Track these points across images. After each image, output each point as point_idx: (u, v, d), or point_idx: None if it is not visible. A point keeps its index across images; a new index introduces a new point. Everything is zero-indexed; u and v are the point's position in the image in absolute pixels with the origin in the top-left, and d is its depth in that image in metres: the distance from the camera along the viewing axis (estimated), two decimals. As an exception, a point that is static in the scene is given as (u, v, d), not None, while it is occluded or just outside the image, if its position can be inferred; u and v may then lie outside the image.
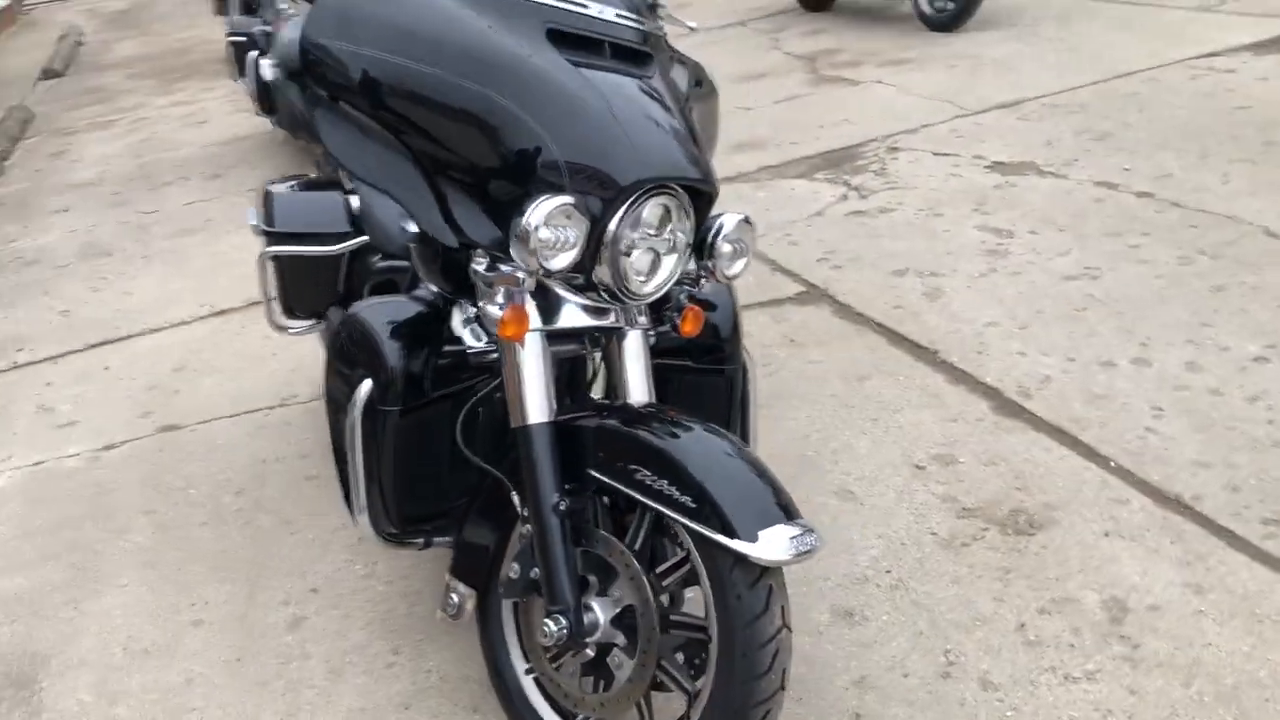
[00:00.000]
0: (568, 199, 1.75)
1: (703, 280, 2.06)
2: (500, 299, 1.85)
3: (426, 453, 2.08)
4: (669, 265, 1.93)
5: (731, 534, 1.70)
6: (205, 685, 2.43)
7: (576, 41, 1.89)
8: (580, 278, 1.88)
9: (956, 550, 2.47)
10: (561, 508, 1.85)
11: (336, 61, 1.82)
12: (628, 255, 1.85)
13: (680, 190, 1.88)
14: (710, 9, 9.30)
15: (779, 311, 3.76)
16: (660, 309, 2.10)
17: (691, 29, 2.53)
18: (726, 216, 2.01)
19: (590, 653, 1.91)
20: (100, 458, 3.51)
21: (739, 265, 2.05)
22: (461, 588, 2.10)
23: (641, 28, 2.00)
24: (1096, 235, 3.93)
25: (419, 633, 2.47)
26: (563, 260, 1.78)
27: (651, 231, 1.87)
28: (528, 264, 1.74)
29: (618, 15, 1.95)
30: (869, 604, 2.36)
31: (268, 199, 2.87)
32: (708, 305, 2.22)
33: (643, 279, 1.90)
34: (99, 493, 3.30)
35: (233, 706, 2.36)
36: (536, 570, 1.89)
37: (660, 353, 2.20)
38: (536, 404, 1.88)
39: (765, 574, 1.74)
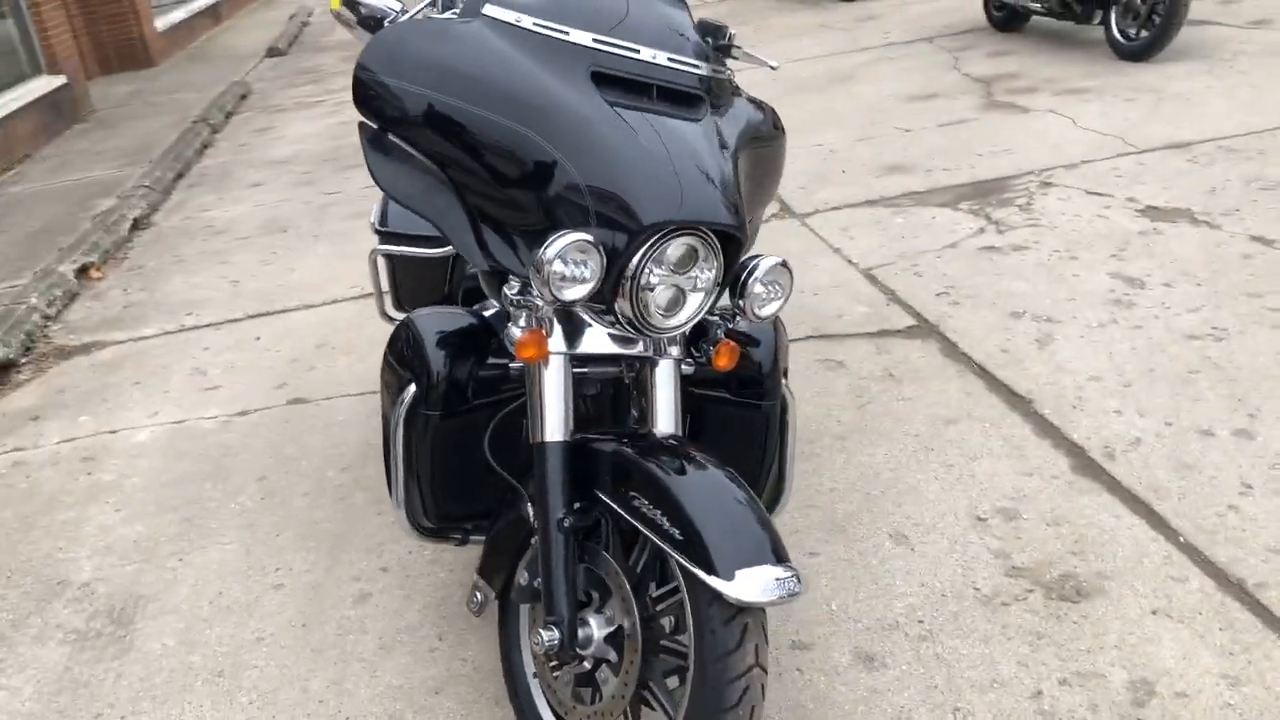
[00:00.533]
0: (584, 236, 1.83)
1: (738, 317, 2.12)
2: (523, 322, 1.96)
3: (464, 457, 2.21)
4: (694, 303, 1.99)
5: (710, 569, 1.76)
6: (271, 645, 2.65)
7: (621, 83, 1.98)
8: (603, 307, 1.97)
9: (995, 609, 2.44)
10: (566, 524, 1.95)
11: (386, 93, 1.96)
12: (649, 290, 1.92)
13: (708, 232, 1.94)
14: (901, 25, 9.18)
15: (884, 343, 3.75)
16: (697, 341, 2.17)
17: (773, 68, 2.57)
18: (764, 259, 2.06)
19: (586, 665, 2.01)
20: (232, 422, 3.82)
21: (772, 307, 2.10)
22: (484, 586, 2.23)
23: (695, 71, 2.07)
24: (1234, 294, 3.74)
25: (464, 622, 2.62)
26: (578, 293, 1.87)
27: (675, 270, 1.93)
28: (543, 294, 1.84)
29: (670, 59, 2.03)
30: (892, 651, 2.36)
31: (385, 200, 3.08)
32: (749, 340, 2.28)
33: (665, 314, 1.97)
34: (224, 455, 3.60)
35: (289, 668, 2.56)
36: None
37: (699, 383, 2.28)
38: (554, 423, 1.98)
39: (742, 612, 1.79)
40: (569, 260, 1.84)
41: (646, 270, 1.90)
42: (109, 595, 2.94)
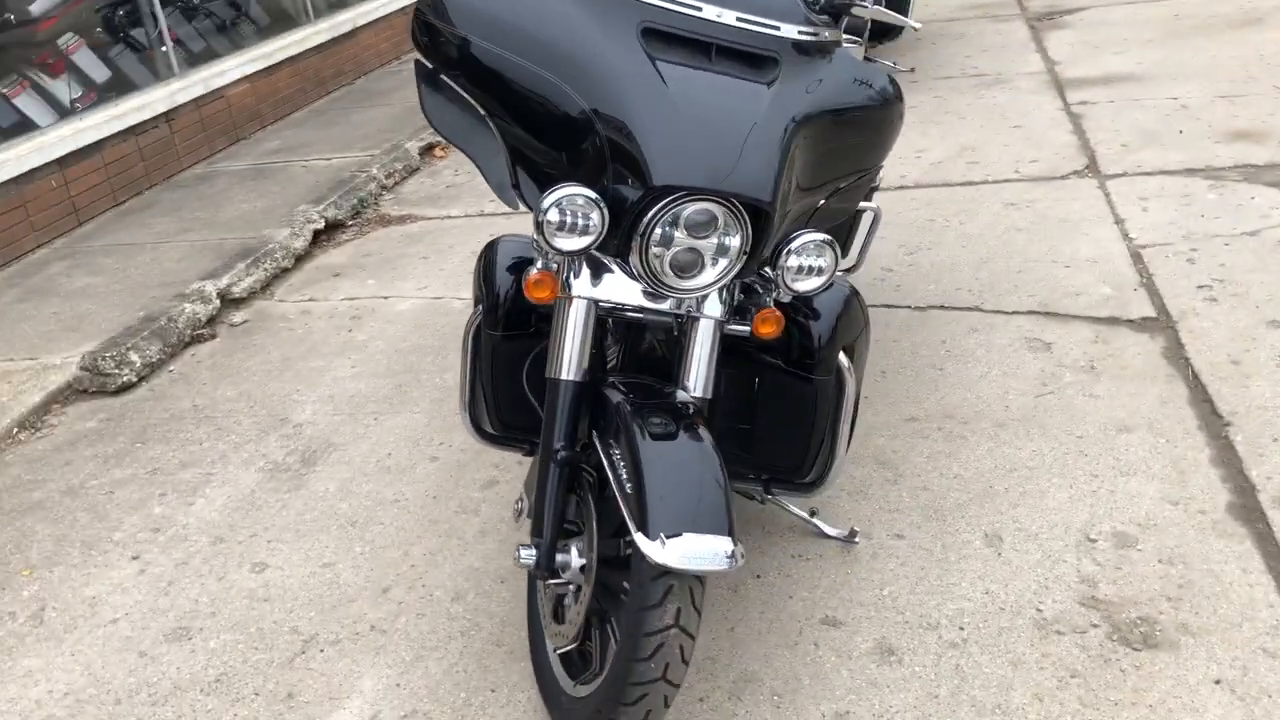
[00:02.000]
0: (583, 190, 1.91)
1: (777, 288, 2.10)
2: (539, 263, 2.08)
3: (519, 376, 2.38)
4: (716, 268, 2.01)
5: (641, 526, 1.83)
6: (402, 509, 3.00)
7: (677, 40, 2.00)
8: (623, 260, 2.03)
9: (1046, 634, 2.29)
10: (559, 456, 2.08)
11: (438, 37, 2.10)
12: (664, 250, 1.96)
13: (730, 199, 1.94)
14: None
15: (1106, 332, 3.44)
16: (747, 305, 2.19)
17: (915, 28, 2.43)
18: (806, 234, 2.04)
19: (569, 588, 2.15)
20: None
21: (807, 284, 2.07)
22: (525, 497, 2.41)
23: (772, 33, 2.04)
24: None
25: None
26: (576, 244, 1.95)
27: (692, 234, 1.96)
28: (539, 242, 1.95)
29: (740, 19, 2.02)
30: (915, 650, 2.30)
31: None
32: (810, 313, 2.25)
33: (682, 275, 2.00)
34: (454, 334, 4.00)
35: (405, 531, 2.90)
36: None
37: (759, 347, 2.29)
38: (567, 362, 2.10)
39: (667, 574, 1.85)
40: (568, 211, 1.92)
41: (659, 230, 1.94)
42: (311, 438, 3.43)
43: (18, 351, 4.22)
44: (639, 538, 1.83)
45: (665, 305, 2.12)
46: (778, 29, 2.08)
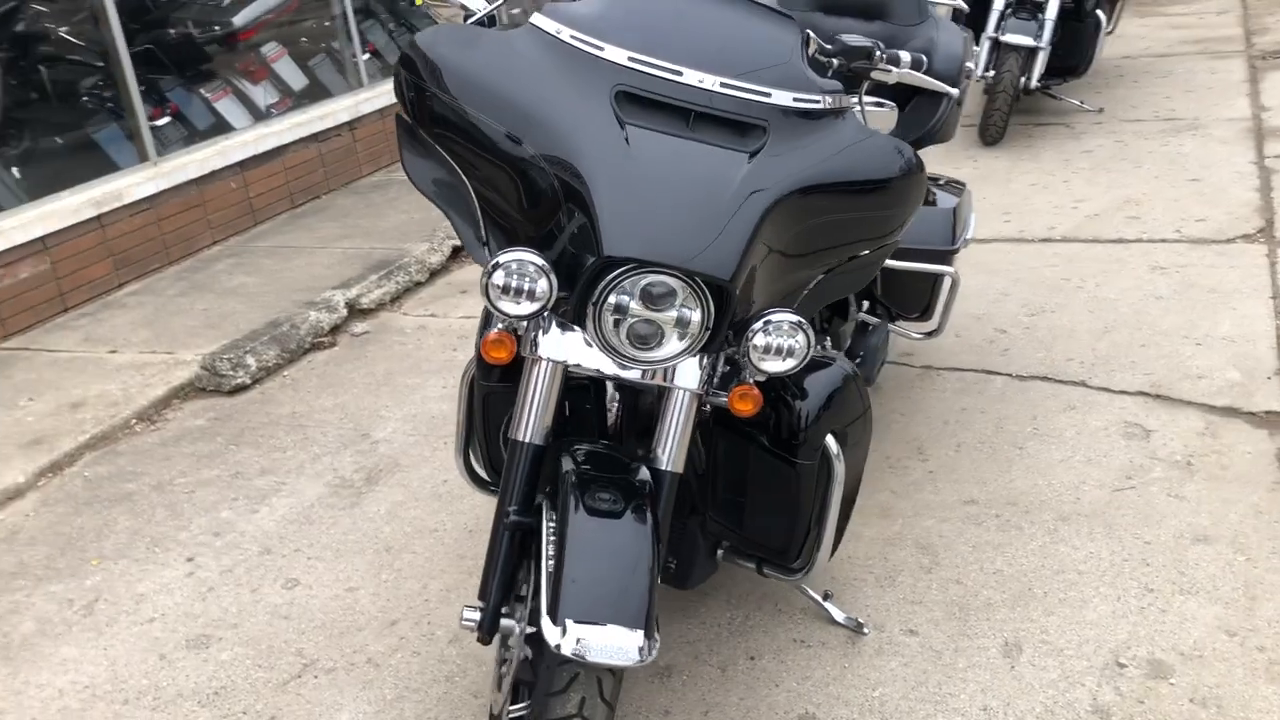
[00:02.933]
0: (529, 256, 1.87)
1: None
2: (499, 324, 2.04)
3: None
4: (675, 342, 1.92)
5: (550, 607, 1.78)
6: (436, 540, 3.04)
7: (654, 105, 1.93)
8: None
9: (1034, 767, 2.09)
10: (509, 519, 2.04)
11: (416, 93, 2.09)
12: (622, 318, 1.89)
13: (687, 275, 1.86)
14: None
15: (1218, 423, 3.13)
16: (729, 378, 2.09)
17: (952, 95, 2.25)
18: (776, 313, 1.92)
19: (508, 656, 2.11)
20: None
21: (779, 364, 1.95)
22: None
23: (759, 100, 1.94)
24: None
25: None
26: (522, 309, 1.91)
27: (648, 305, 1.88)
28: (486, 303, 1.92)
29: (724, 85, 1.93)
30: (886, 764, 2.14)
31: None
32: (797, 392, 2.13)
33: (640, 347, 1.92)
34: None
35: (431, 563, 2.93)
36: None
37: (746, 421, 2.18)
38: (527, 423, 2.06)
39: (570, 661, 1.79)
40: (514, 275, 1.88)
41: (614, 299, 1.88)
42: (382, 456, 3.52)
43: (161, 344, 4.53)
44: (544, 620, 1.78)
45: (636, 374, 2.04)
46: (768, 95, 1.97)
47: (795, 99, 2.00)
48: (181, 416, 3.99)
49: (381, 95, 6.88)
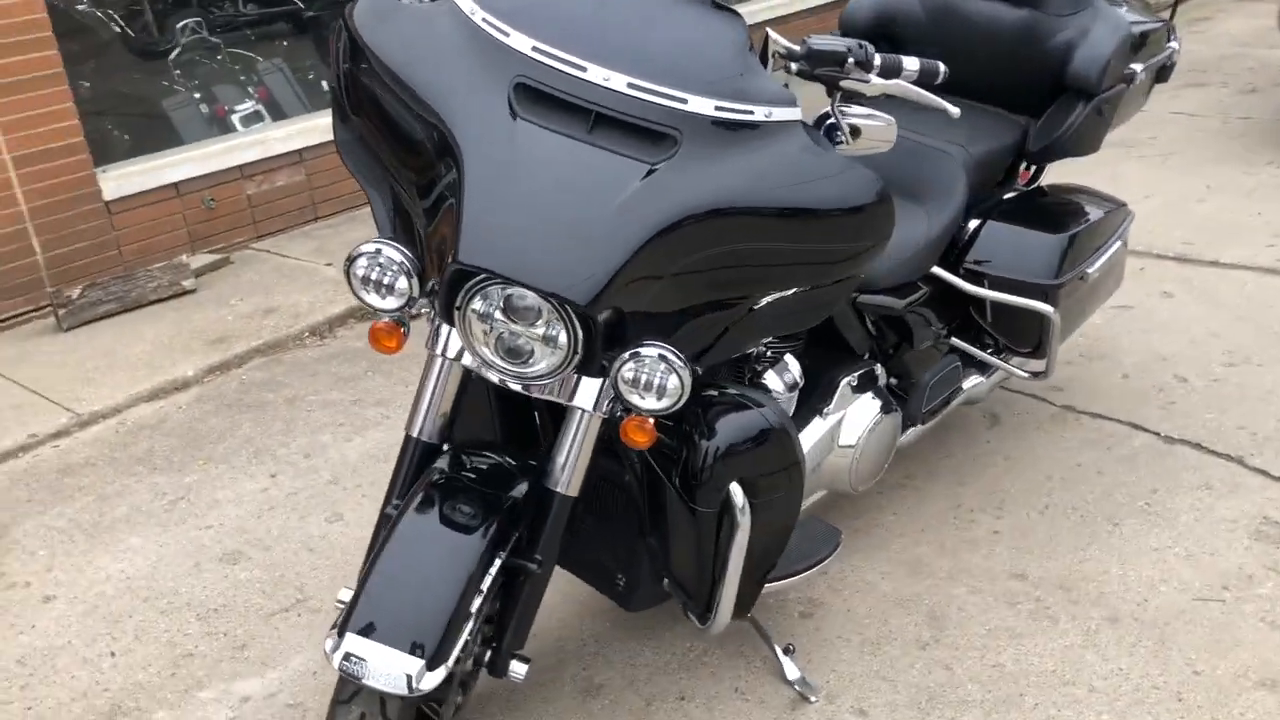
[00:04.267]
0: (392, 250, 1.80)
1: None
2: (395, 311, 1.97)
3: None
4: (545, 359, 1.79)
5: (343, 619, 1.75)
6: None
7: (557, 102, 1.77)
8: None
9: None
10: (389, 513, 2.01)
11: (339, 64, 1.98)
12: (488, 328, 1.79)
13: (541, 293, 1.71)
14: None
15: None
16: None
17: (953, 113, 1.88)
18: (646, 347, 1.73)
19: None
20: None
21: (649, 402, 1.76)
22: None
23: (679, 106, 1.73)
24: None
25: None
26: (384, 304, 1.84)
27: (511, 318, 1.76)
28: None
29: (631, 85, 1.74)
30: None
31: None
32: (706, 431, 1.93)
33: (509, 360, 1.80)
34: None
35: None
36: None
37: (655, 452, 2.01)
38: (419, 419, 2.01)
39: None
40: (374, 268, 1.82)
41: (478, 306, 1.77)
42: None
43: (366, 264, 4.82)
44: (331, 632, 1.74)
45: (529, 385, 1.91)
46: (684, 102, 1.74)
47: (718, 108, 1.76)
48: (348, 337, 4.24)
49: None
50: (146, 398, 3.82)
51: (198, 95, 5.76)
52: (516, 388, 1.89)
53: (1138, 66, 2.78)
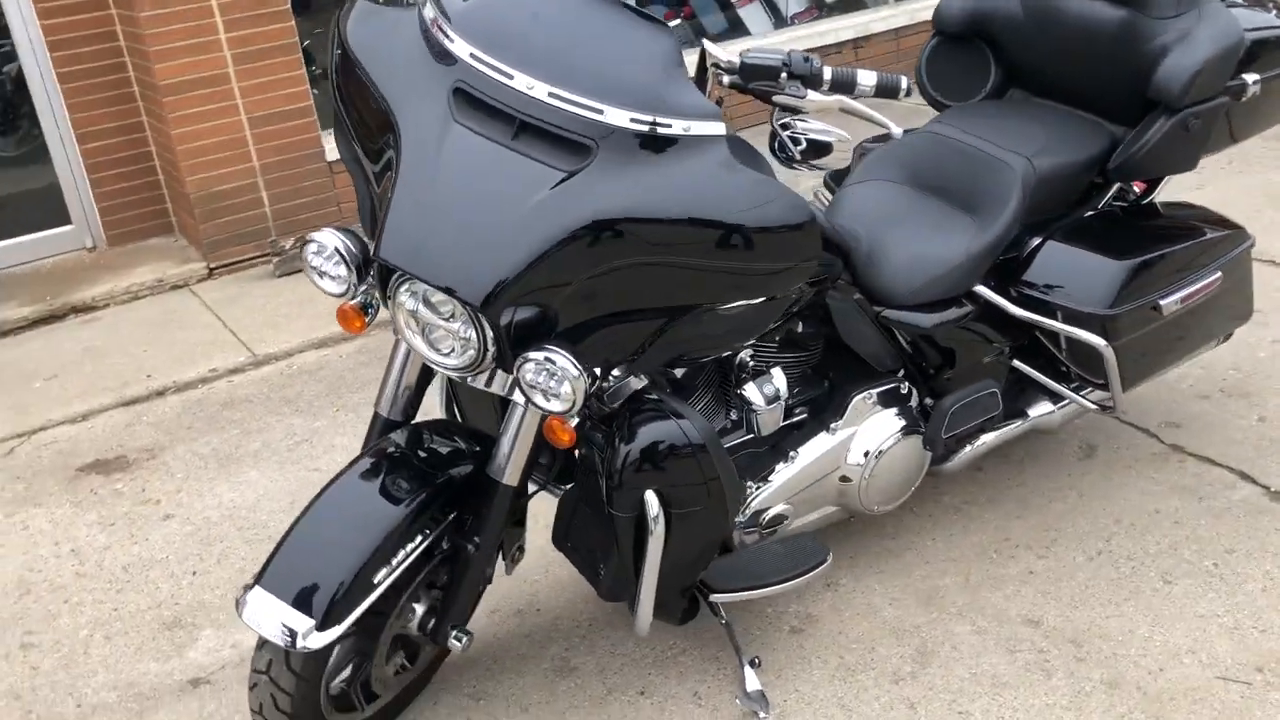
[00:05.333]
0: (336, 239, 1.93)
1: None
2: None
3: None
4: (460, 354, 1.88)
5: (259, 571, 1.93)
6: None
7: (485, 107, 1.84)
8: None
9: None
10: None
11: (331, 60, 2.08)
12: (414, 320, 1.90)
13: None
14: None
15: None
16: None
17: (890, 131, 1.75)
18: (536, 351, 1.79)
19: None
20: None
21: (545, 403, 1.82)
22: None
23: (595, 116, 1.76)
24: None
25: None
26: (332, 287, 1.98)
27: (432, 310, 1.85)
28: None
29: (552, 95, 1.79)
30: None
31: None
32: (627, 436, 1.97)
33: (434, 351, 1.91)
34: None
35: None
36: None
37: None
38: (383, 397, 2.16)
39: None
40: (319, 256, 1.96)
41: (404, 299, 1.88)
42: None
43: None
44: (248, 582, 1.92)
45: (481, 379, 2.00)
46: (600, 112, 1.77)
47: (634, 119, 1.77)
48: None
49: (900, 15, 6.62)
50: (316, 345, 4.20)
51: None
52: (454, 375, 1.98)
53: (1251, 77, 2.47)
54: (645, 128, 1.78)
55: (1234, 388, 3.16)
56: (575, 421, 1.94)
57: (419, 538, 1.98)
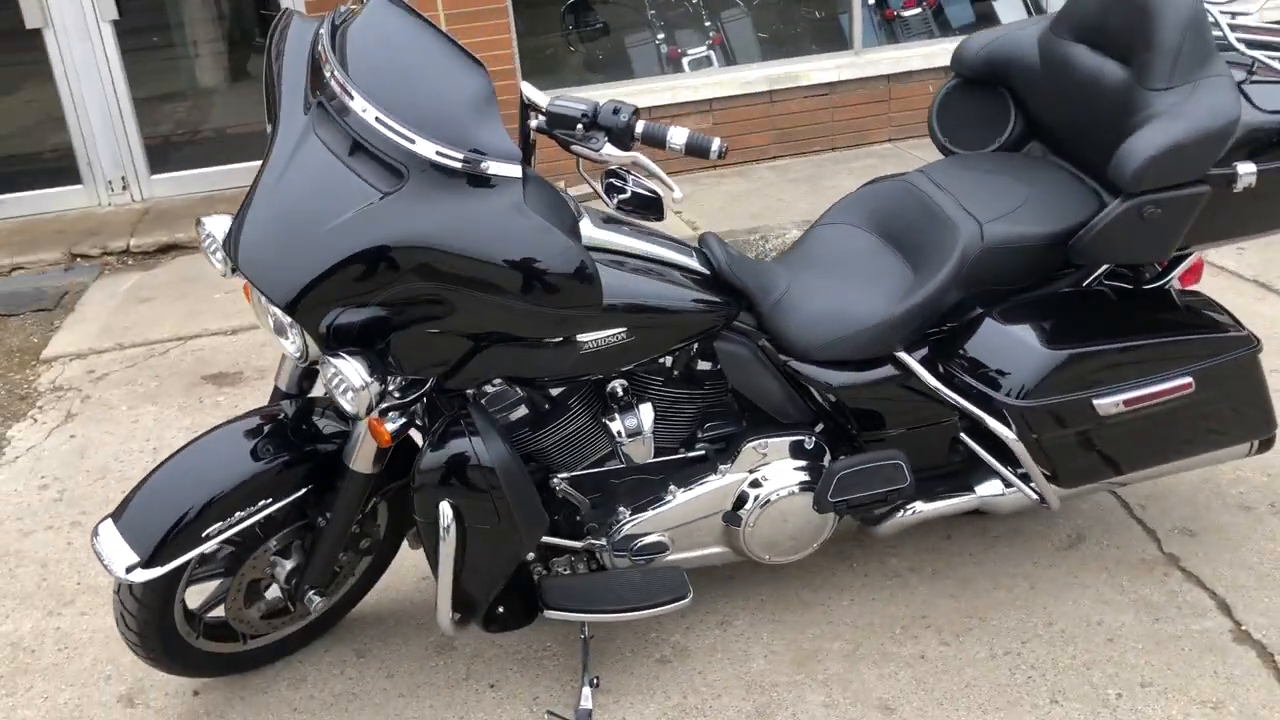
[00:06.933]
0: (215, 225, 2.14)
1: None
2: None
3: None
4: (293, 344, 2.07)
5: (118, 507, 2.22)
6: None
7: (336, 122, 1.99)
8: None
9: None
10: None
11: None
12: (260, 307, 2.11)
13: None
14: None
15: None
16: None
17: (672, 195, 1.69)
18: (334, 355, 1.95)
19: None
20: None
21: (340, 399, 1.97)
22: None
23: (408, 145, 1.88)
24: None
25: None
26: (219, 267, 2.18)
27: (268, 301, 2.04)
28: None
29: (378, 120, 1.92)
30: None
31: None
32: (432, 443, 2.10)
33: (282, 337, 2.10)
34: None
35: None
36: None
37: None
38: (279, 372, 2.37)
39: None
40: (205, 239, 2.18)
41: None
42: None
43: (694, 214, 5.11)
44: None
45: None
46: (412, 142, 1.88)
47: (439, 153, 1.87)
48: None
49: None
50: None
51: (661, 36, 6.30)
52: (295, 362, 2.17)
53: (1245, 167, 2.15)
54: (448, 162, 1.86)
55: (1288, 499, 2.78)
56: (399, 424, 2.08)
57: (263, 501, 2.18)
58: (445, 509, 2.08)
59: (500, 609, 2.28)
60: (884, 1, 6.30)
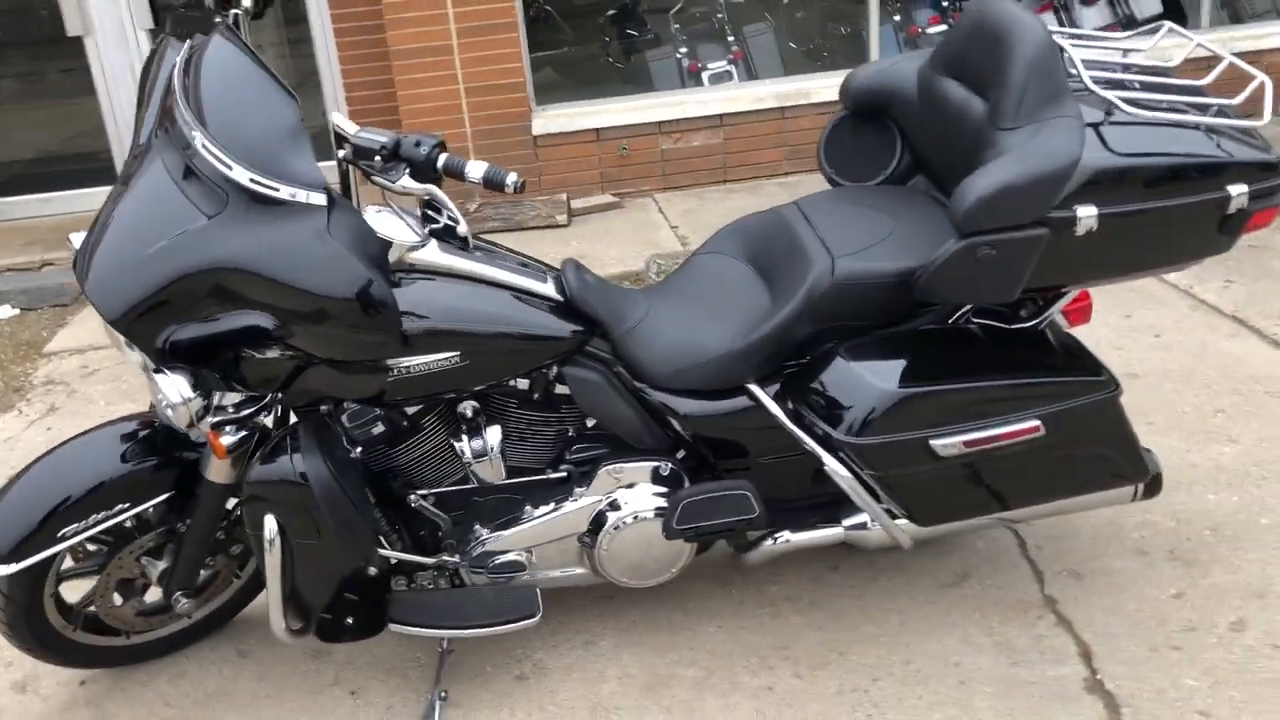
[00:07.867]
0: (71, 239, 2.25)
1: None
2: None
3: None
4: (135, 359, 2.17)
5: None
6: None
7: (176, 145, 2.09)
8: None
9: None
10: None
11: None
12: None
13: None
14: None
15: None
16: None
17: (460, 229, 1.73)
18: (158, 371, 2.06)
19: None
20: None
21: (165, 415, 2.08)
22: None
23: (225, 170, 1.98)
24: None
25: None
26: None
27: None
28: None
29: (203, 144, 2.01)
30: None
31: None
32: (262, 459, 2.19)
33: (129, 348, 2.20)
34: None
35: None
36: None
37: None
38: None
39: None
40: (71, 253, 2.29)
41: None
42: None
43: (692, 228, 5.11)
44: None
45: None
46: (230, 169, 1.97)
47: (252, 180, 1.96)
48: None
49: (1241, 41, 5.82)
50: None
51: (684, 50, 6.33)
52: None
53: (1086, 210, 2.09)
54: (259, 188, 1.95)
55: (1187, 553, 2.68)
56: (237, 437, 2.17)
57: (120, 505, 2.29)
58: (270, 522, 2.16)
59: (349, 619, 2.35)
60: (909, 18, 6.23)
